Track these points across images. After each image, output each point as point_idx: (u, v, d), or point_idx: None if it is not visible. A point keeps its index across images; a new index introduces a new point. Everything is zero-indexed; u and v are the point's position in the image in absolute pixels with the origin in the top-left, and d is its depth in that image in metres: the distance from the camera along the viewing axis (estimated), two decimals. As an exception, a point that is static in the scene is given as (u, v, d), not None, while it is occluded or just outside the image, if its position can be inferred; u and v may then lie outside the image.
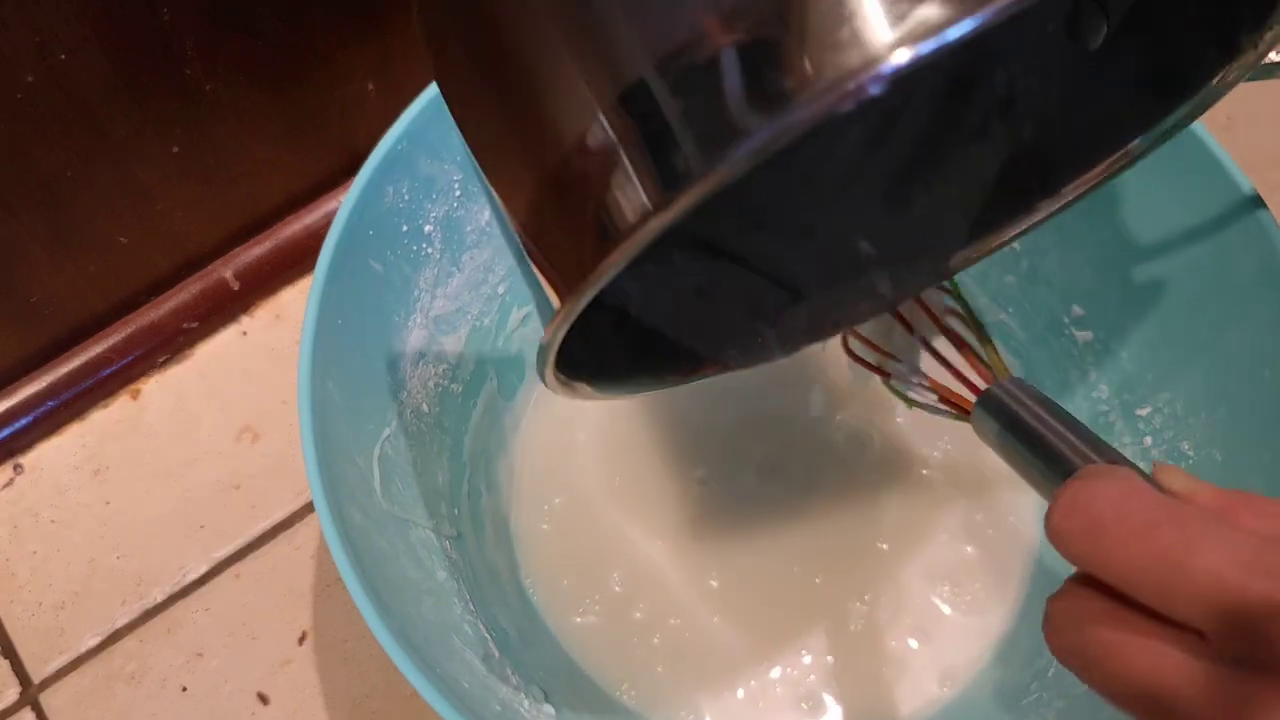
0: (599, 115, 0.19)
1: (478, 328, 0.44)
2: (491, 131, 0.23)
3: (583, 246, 0.20)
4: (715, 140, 0.18)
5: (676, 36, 0.18)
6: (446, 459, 0.42)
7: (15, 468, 0.48)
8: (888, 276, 0.33)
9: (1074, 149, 0.30)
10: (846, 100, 0.17)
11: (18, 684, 0.44)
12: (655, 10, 0.19)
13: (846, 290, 0.33)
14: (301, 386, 0.33)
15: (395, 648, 0.29)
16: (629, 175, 0.19)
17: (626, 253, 0.19)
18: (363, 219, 0.36)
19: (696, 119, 0.18)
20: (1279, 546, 0.18)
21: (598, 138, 0.19)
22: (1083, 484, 0.21)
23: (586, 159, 0.20)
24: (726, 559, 0.43)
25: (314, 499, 0.31)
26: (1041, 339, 0.44)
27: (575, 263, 0.21)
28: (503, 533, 0.44)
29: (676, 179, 0.18)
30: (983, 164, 0.31)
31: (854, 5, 0.17)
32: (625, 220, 0.19)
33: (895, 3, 0.17)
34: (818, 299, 0.33)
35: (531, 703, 0.37)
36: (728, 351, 0.32)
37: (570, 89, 0.20)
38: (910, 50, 0.16)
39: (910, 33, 0.16)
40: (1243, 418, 0.35)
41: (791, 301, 0.33)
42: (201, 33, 0.40)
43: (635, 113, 0.19)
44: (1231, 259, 0.35)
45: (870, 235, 0.32)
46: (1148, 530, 0.19)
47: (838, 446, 0.45)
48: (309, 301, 0.34)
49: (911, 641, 0.41)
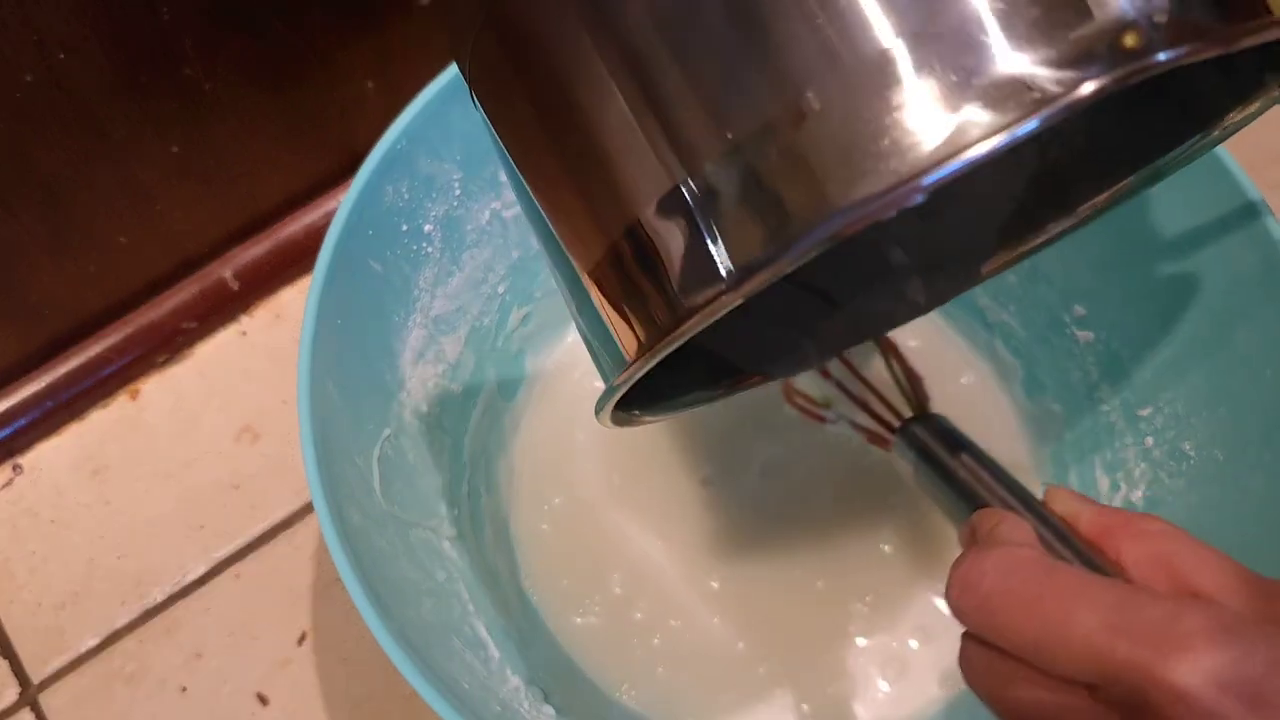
0: (673, 190, 0.20)
1: (478, 328, 0.43)
2: (562, 184, 0.23)
3: (656, 311, 0.21)
4: (790, 231, 0.19)
5: (760, 114, 0.19)
6: (446, 459, 0.42)
7: (14, 468, 0.48)
8: (921, 283, 0.33)
9: (1097, 165, 0.30)
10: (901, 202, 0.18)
11: (17, 684, 0.44)
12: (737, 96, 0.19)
13: (881, 297, 0.34)
14: (301, 386, 0.33)
15: (395, 648, 0.29)
16: (708, 254, 0.20)
17: (697, 326, 0.20)
18: (362, 218, 0.36)
19: (778, 204, 0.19)
20: (1137, 602, 0.20)
21: (666, 217, 0.20)
22: (971, 562, 0.23)
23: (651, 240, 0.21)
24: (727, 560, 0.43)
25: (313, 499, 0.31)
26: (1043, 338, 0.44)
27: (650, 324, 0.22)
28: (502, 533, 0.44)
29: (750, 268, 0.19)
30: (1011, 178, 0.31)
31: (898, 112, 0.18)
32: (700, 295, 0.20)
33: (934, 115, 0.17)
34: (853, 307, 0.33)
35: (531, 703, 0.37)
36: (768, 363, 0.33)
37: (643, 163, 0.21)
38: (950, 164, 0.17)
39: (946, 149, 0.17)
40: (1244, 417, 0.35)
41: (828, 311, 0.33)
42: (201, 32, 0.40)
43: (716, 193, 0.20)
44: (1233, 258, 0.35)
45: (903, 244, 0.33)
46: (1030, 604, 0.21)
47: (840, 448, 0.45)
48: (308, 301, 0.34)
49: (912, 642, 0.41)
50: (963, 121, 0.17)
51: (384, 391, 0.39)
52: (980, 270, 0.33)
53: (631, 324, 0.22)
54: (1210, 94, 0.26)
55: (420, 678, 0.29)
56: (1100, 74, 0.17)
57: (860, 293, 0.33)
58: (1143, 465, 0.39)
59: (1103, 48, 0.17)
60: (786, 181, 0.19)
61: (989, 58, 0.18)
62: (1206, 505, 0.36)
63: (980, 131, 0.17)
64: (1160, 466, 0.38)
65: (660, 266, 0.21)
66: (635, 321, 0.22)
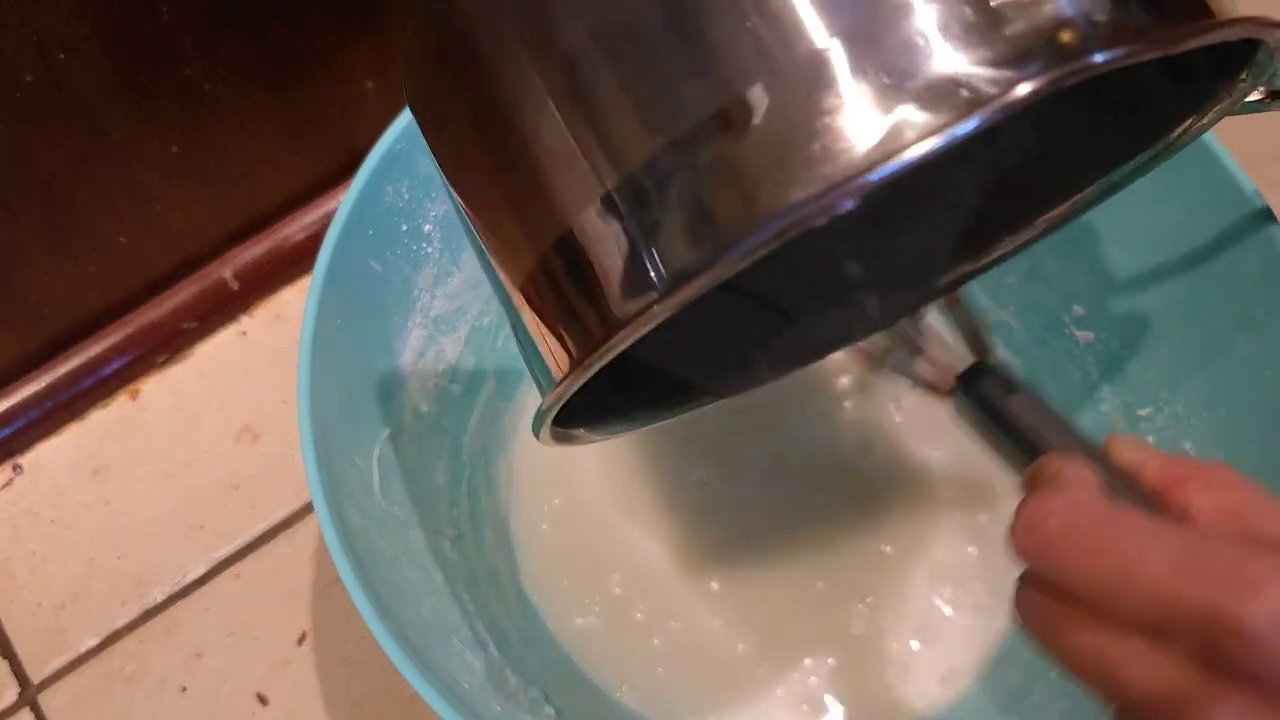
0: (604, 198, 0.20)
1: (477, 328, 0.43)
2: (491, 197, 0.23)
3: (587, 322, 0.21)
4: (723, 236, 0.18)
5: (691, 118, 0.19)
6: (446, 459, 0.42)
7: (14, 468, 0.48)
8: (876, 298, 0.33)
9: (1054, 177, 0.30)
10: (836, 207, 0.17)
11: (16, 685, 0.44)
12: (666, 98, 0.19)
13: (836, 313, 0.33)
14: (301, 387, 0.33)
15: (395, 649, 0.29)
16: (638, 263, 0.19)
17: (629, 337, 0.20)
18: (362, 218, 0.36)
19: (710, 209, 0.18)
20: (1208, 547, 0.20)
21: (596, 226, 0.20)
22: (1036, 503, 0.23)
23: (583, 246, 0.20)
24: (727, 561, 0.43)
25: (313, 499, 0.31)
26: (1042, 338, 0.44)
27: (581, 337, 0.21)
28: (502, 534, 0.44)
29: (683, 276, 0.19)
30: (965, 190, 0.31)
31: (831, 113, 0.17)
32: (631, 305, 0.19)
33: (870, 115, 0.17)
34: (807, 322, 0.33)
35: (531, 704, 0.37)
36: (720, 379, 0.33)
37: (573, 171, 0.20)
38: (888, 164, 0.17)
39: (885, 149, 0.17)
40: (1245, 417, 0.35)
41: (781, 326, 0.33)
42: (201, 32, 0.40)
43: (645, 199, 0.19)
44: (1232, 257, 0.35)
45: (857, 258, 0.32)
46: (1096, 547, 0.21)
47: (840, 448, 0.45)
48: (308, 301, 0.34)
49: (913, 643, 0.41)
50: (897, 123, 0.17)
51: (384, 391, 0.39)
52: (938, 284, 0.32)
53: (564, 339, 0.22)
54: (1165, 103, 0.25)
55: (420, 678, 0.29)
56: (1037, 74, 0.17)
57: (815, 307, 0.33)
58: (1143, 465, 0.39)
59: (1040, 47, 0.17)
60: (718, 187, 0.18)
61: (924, 59, 0.17)
62: (1207, 505, 0.36)
63: (915, 134, 0.17)
64: (1160, 467, 0.38)
65: (591, 277, 0.20)
66: (567, 336, 0.21)
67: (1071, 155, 0.29)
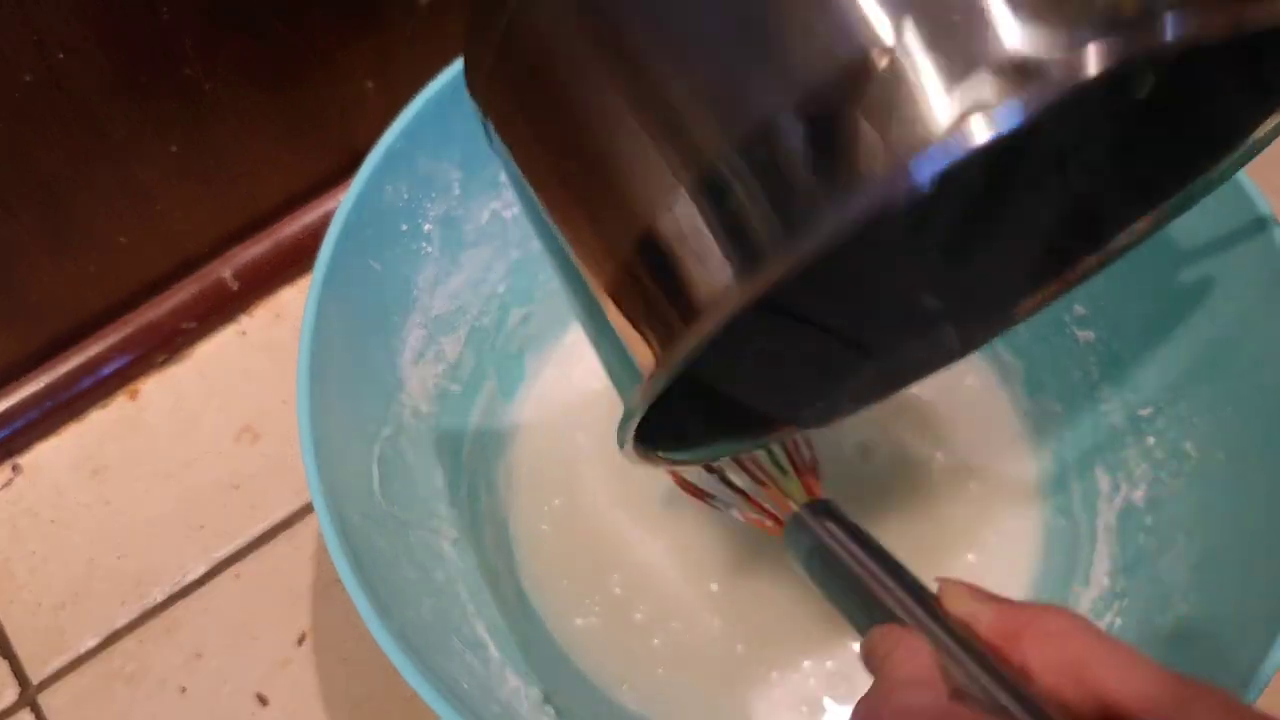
0: (685, 193, 0.20)
1: (477, 327, 0.43)
2: (574, 204, 0.23)
3: (671, 315, 0.21)
4: (802, 219, 0.19)
5: (760, 117, 0.19)
6: (445, 460, 0.42)
7: (14, 468, 0.48)
8: (954, 329, 0.33)
9: (1125, 199, 0.30)
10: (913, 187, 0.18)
11: (16, 685, 0.44)
12: (736, 94, 0.19)
13: (914, 345, 0.33)
14: (300, 386, 0.33)
15: (394, 649, 0.29)
16: (716, 250, 0.20)
17: (714, 324, 0.20)
18: (362, 218, 0.36)
19: (786, 197, 0.19)
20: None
21: (677, 220, 0.20)
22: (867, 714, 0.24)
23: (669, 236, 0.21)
24: (727, 562, 0.43)
25: (313, 499, 0.31)
26: (1043, 338, 0.44)
27: (664, 330, 0.21)
28: (502, 534, 0.44)
29: (762, 255, 0.19)
30: (1038, 216, 0.31)
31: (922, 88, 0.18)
32: (713, 293, 0.20)
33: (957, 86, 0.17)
34: (886, 355, 0.33)
35: (531, 704, 0.37)
36: (802, 412, 0.33)
37: (654, 168, 0.21)
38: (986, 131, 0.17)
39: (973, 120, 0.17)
40: (1246, 418, 0.35)
41: (860, 359, 0.33)
42: (201, 32, 0.40)
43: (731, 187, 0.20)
44: (1235, 259, 0.35)
45: (934, 290, 0.33)
46: None
47: (841, 453, 0.45)
48: (308, 301, 0.34)
49: (913, 643, 0.41)
50: (969, 106, 0.17)
51: (384, 391, 0.39)
52: (1014, 312, 0.33)
53: (647, 337, 0.22)
54: (1238, 112, 0.26)
55: (420, 678, 0.29)
56: (1107, 54, 0.17)
57: (894, 341, 0.33)
58: (1144, 465, 0.39)
59: (1107, 27, 0.17)
60: (797, 171, 0.19)
61: (995, 40, 0.17)
62: (1207, 505, 0.36)
63: (986, 116, 0.17)
64: (1161, 466, 0.38)
65: (672, 271, 0.21)
66: (650, 333, 0.22)
67: (1143, 172, 0.29)
